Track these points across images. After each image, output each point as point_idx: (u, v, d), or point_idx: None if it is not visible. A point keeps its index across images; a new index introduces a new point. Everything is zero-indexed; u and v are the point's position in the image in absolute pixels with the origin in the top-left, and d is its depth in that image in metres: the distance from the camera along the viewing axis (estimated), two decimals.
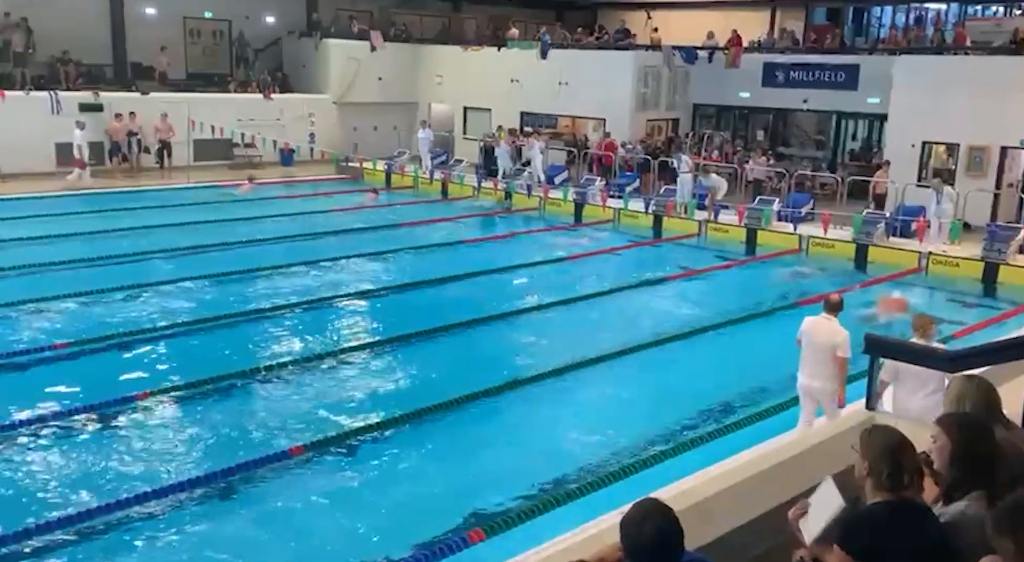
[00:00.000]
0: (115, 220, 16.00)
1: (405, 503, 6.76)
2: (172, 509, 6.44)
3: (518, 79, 24.80)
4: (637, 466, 7.13)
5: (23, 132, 19.53)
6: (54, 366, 9.08)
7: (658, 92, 23.66)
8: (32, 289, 11.37)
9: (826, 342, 7.24)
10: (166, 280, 12.38)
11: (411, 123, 26.12)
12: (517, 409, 8.58)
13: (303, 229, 16.31)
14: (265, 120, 23.49)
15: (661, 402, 8.91)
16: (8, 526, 5.91)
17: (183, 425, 7.92)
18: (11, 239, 13.99)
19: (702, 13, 27.69)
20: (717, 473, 5.84)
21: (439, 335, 10.52)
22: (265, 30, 26.33)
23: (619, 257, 15.81)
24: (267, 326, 10.74)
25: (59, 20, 21.40)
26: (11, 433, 7.41)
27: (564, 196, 19.47)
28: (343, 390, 8.89)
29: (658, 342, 10.69)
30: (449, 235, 16.62)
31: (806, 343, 7.40)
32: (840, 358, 7.18)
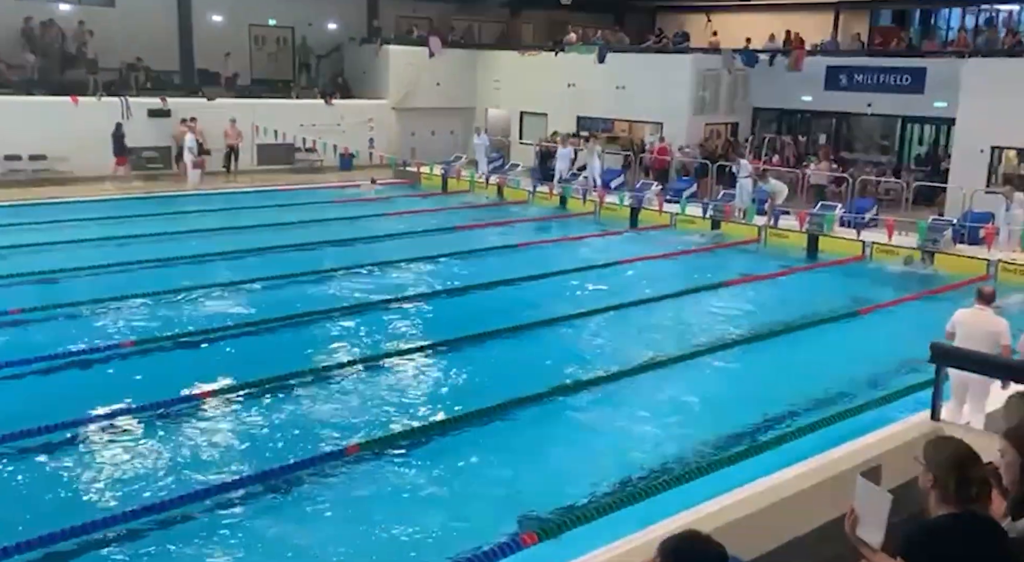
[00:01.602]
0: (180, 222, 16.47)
1: (457, 504, 6.79)
2: (231, 505, 6.57)
3: (575, 83, 24.80)
4: (693, 474, 7.05)
5: (94, 136, 20.21)
6: (121, 364, 9.34)
7: (717, 96, 23.39)
8: (101, 289, 11.73)
9: (986, 332, 7.25)
10: (228, 282, 12.65)
11: (468, 128, 26.30)
12: (571, 414, 8.54)
13: (360, 233, 16.52)
14: (326, 125, 23.91)
15: (718, 410, 8.79)
16: (73, 520, 6.08)
17: (243, 423, 8.06)
18: (83, 240, 14.46)
19: (763, 16, 27.33)
20: (775, 483, 5.73)
21: (493, 338, 10.54)
22: (327, 37, 26.80)
23: (676, 262, 15.66)
24: (324, 328, 10.89)
25: (130, 28, 22.13)
26: (78, 429, 7.63)
27: (620, 201, 19.37)
28: (398, 391, 8.97)
29: (717, 348, 10.56)
30: (504, 239, 16.66)
31: (962, 335, 7.37)
32: (1005, 346, 7.21)
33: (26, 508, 6.41)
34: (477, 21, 29.70)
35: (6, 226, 15.07)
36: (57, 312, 10.70)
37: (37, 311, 10.61)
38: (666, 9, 30.71)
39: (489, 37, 29.56)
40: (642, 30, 28.20)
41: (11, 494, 6.62)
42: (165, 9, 23.24)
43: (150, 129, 21.35)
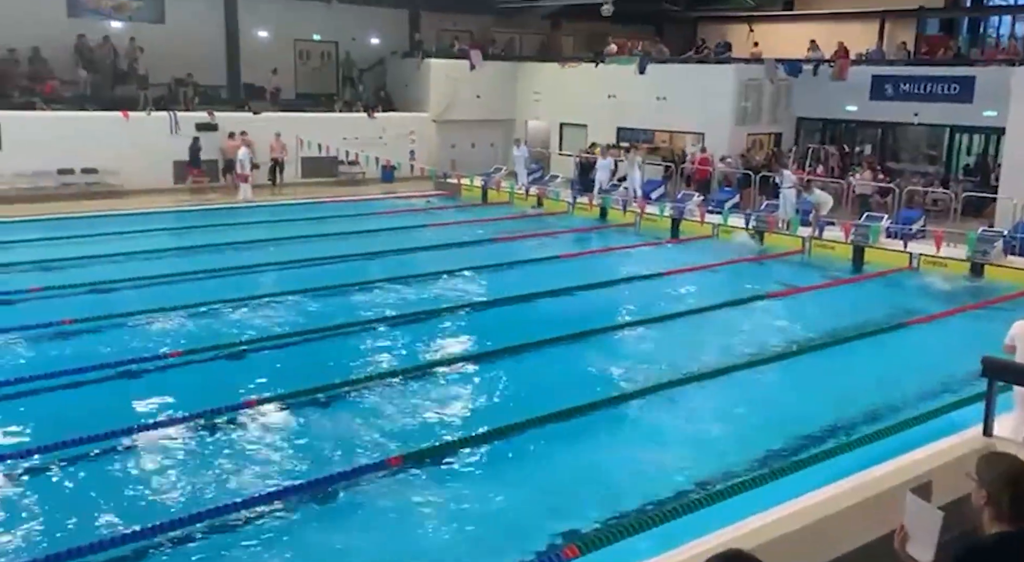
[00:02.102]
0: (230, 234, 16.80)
1: (499, 516, 6.80)
2: (274, 515, 6.64)
3: (615, 94, 24.79)
4: (736, 488, 6.97)
5: (144, 150, 20.69)
6: (169, 374, 9.52)
7: (759, 106, 23.22)
8: (150, 300, 11.97)
9: None
10: (274, 292, 12.84)
11: (508, 140, 26.42)
12: (612, 427, 8.51)
13: (401, 244, 16.66)
14: (368, 138, 24.20)
15: (763, 423, 8.68)
16: (122, 528, 6.21)
17: (287, 433, 8.16)
18: (133, 252, 14.78)
19: (806, 25, 27.08)
20: (821, 499, 5.65)
21: (535, 350, 10.54)
22: (370, 51, 27.15)
23: (718, 273, 15.53)
24: (366, 339, 10.98)
25: (179, 44, 22.63)
26: (127, 438, 7.77)
27: (661, 211, 19.28)
28: (439, 403, 9.00)
29: (761, 361, 10.45)
30: (544, 250, 16.67)
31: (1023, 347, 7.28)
32: None
33: (78, 515, 6.55)
34: (518, 33, 29.85)
35: (59, 238, 15.47)
36: (108, 322, 10.94)
37: (89, 321, 10.85)
38: (708, 20, 30.57)
39: (529, 49, 29.70)
40: (683, 41, 28.09)
41: (63, 502, 6.77)
42: (213, 25, 23.75)
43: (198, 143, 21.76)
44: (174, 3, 23.10)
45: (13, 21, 20.44)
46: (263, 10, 24.46)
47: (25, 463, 7.25)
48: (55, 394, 8.75)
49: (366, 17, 26.58)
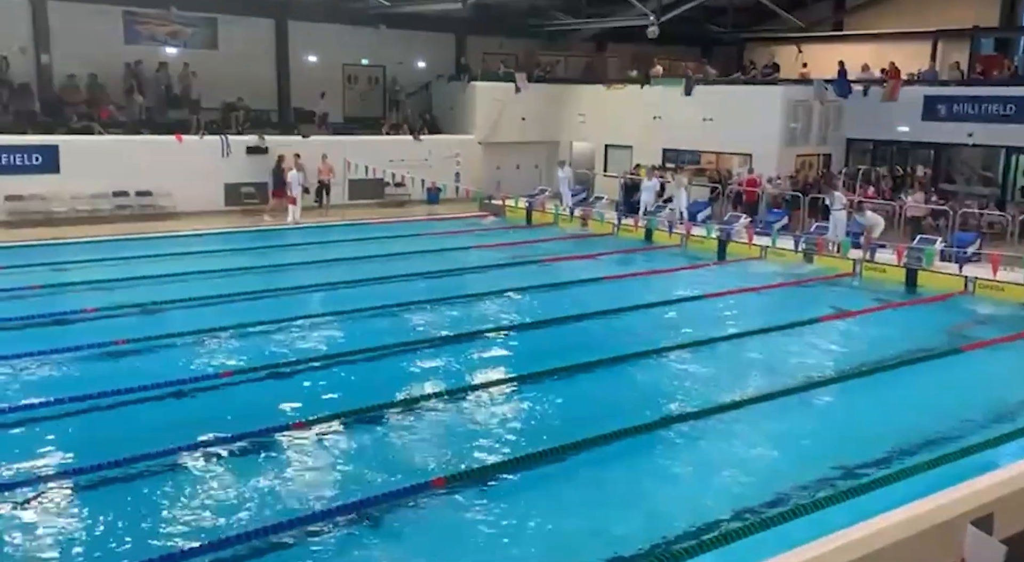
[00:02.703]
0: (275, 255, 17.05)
1: (544, 539, 6.73)
2: (318, 535, 6.64)
3: (661, 116, 24.73)
4: (786, 516, 6.81)
5: (196, 173, 21.16)
6: (219, 393, 9.64)
7: (809, 126, 22.96)
8: (201, 320, 12.14)
9: None
10: (321, 313, 12.95)
11: (552, 161, 26.47)
12: (659, 451, 8.39)
13: (446, 265, 16.74)
14: (414, 160, 24.46)
15: (813, 450, 8.50)
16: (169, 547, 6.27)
17: (334, 453, 8.19)
18: (185, 273, 15.05)
19: (856, 46, 26.80)
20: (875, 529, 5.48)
21: (580, 372, 10.47)
22: (416, 75, 27.50)
23: (766, 296, 15.30)
24: (412, 359, 11.00)
25: (231, 69, 23.17)
26: (177, 456, 7.88)
27: (707, 233, 19.09)
28: (484, 424, 8.98)
29: (811, 385, 10.26)
30: (588, 271, 16.61)
31: None
32: None
33: (125, 534, 6.63)
34: (563, 56, 29.99)
35: (114, 259, 15.83)
36: (160, 342, 11.13)
37: (141, 341, 11.06)
38: (755, 41, 30.41)
39: (574, 72, 29.80)
40: (729, 62, 27.94)
41: (111, 520, 6.85)
42: (264, 51, 24.31)
43: (248, 166, 22.21)
44: (227, 29, 23.67)
45: (73, 48, 21.12)
46: (313, 35, 24.94)
47: (79, 480, 7.36)
48: (108, 413, 8.89)
49: (413, 42, 26.94)
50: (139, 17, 22.53)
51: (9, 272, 14.61)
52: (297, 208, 20.91)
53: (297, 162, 21.37)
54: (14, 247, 16.73)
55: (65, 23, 21.11)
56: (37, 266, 15.12)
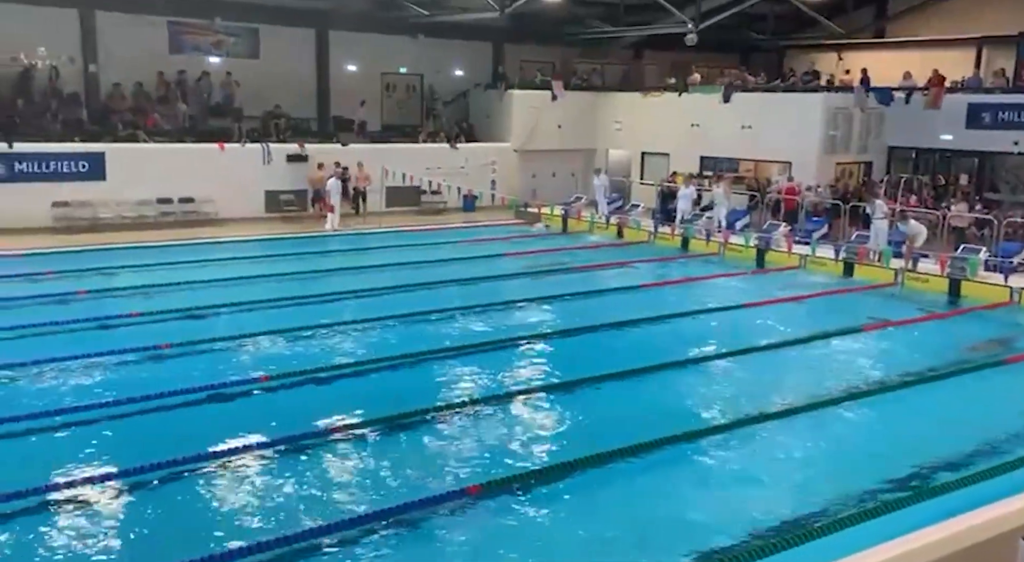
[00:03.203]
0: (313, 262, 17.26)
1: (580, 548, 6.71)
2: (353, 540, 6.69)
3: (698, 123, 24.60)
4: (826, 530, 6.72)
5: (238, 180, 21.49)
6: (257, 398, 9.77)
7: (849, 134, 22.68)
8: (241, 325, 12.36)
9: None
10: (358, 319, 13.06)
11: (589, 169, 26.45)
12: (696, 461, 8.33)
13: (481, 272, 16.80)
14: (450, 168, 24.58)
15: (854, 462, 8.40)
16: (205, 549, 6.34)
17: (369, 458, 8.26)
18: (226, 278, 15.29)
19: (898, 53, 26.43)
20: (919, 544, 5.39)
21: (615, 380, 10.44)
22: (454, 83, 27.67)
23: (805, 305, 15.13)
24: (448, 366, 11.04)
25: (272, 78, 23.50)
26: (217, 460, 8.00)
27: (746, 241, 18.94)
28: (520, 431, 8.99)
29: (852, 396, 10.12)
30: (624, 280, 16.55)
31: None
32: None
33: (166, 536, 6.75)
34: (600, 64, 29.98)
35: (158, 265, 16.13)
36: (202, 347, 11.31)
37: (184, 346, 11.25)
38: (795, 48, 30.12)
39: (611, 79, 29.77)
40: (769, 69, 27.71)
41: (148, 523, 6.97)
42: (305, 60, 24.65)
43: (288, 173, 22.51)
44: (268, 39, 24.03)
45: (119, 57, 21.58)
46: (352, 45, 25.23)
47: (123, 482, 7.51)
48: (152, 415, 9.06)
49: (451, 50, 27.12)
50: (184, 27, 22.97)
51: (57, 277, 14.97)
52: (335, 215, 21.12)
53: (336, 170, 21.61)
54: (62, 253, 17.12)
55: (112, 33, 21.59)
56: (84, 271, 15.46)
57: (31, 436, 8.44)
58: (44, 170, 19.55)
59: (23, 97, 20.55)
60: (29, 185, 19.29)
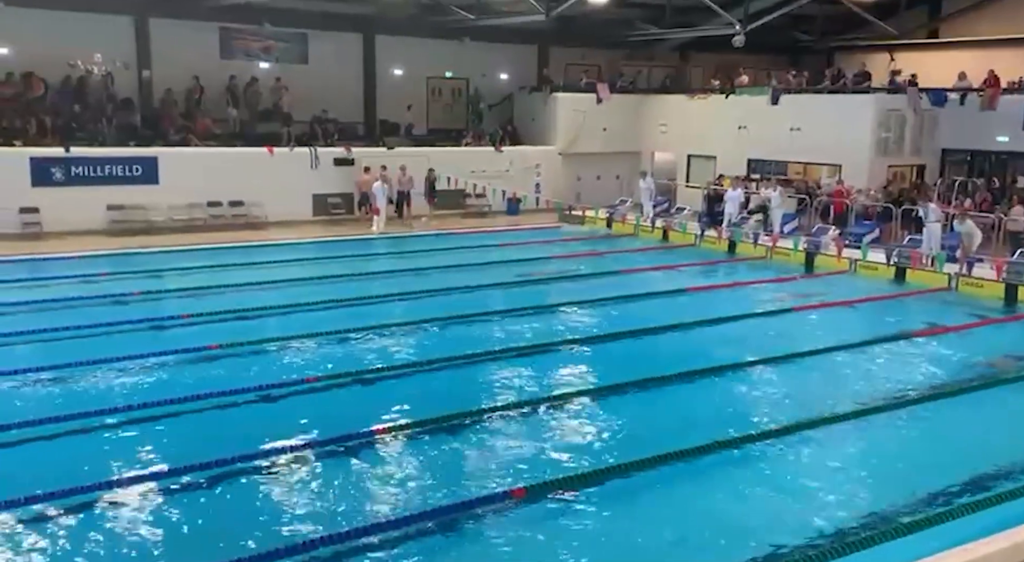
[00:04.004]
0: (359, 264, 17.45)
1: (623, 553, 6.67)
2: (397, 541, 6.72)
3: (746, 125, 24.34)
4: (876, 539, 6.60)
5: (286, 184, 21.80)
6: (305, 398, 9.88)
7: (901, 136, 22.25)
8: (289, 326, 12.53)
9: None
10: (404, 321, 13.17)
11: (634, 172, 26.31)
12: (740, 466, 8.22)
13: (527, 275, 16.81)
14: (495, 171, 24.64)
15: (904, 471, 8.22)
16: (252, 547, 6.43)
17: (414, 460, 8.29)
18: (274, 281, 15.52)
19: (953, 54, 25.86)
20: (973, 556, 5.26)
21: (660, 385, 10.36)
22: (499, 86, 27.76)
23: (856, 310, 14.86)
24: (491, 369, 11.06)
25: (320, 83, 23.83)
26: (264, 459, 8.10)
27: (794, 245, 18.67)
28: (564, 435, 8.97)
29: (903, 403, 9.93)
30: (669, 283, 16.42)
31: None
32: None
33: (213, 534, 6.85)
34: (646, 66, 29.82)
35: (208, 267, 16.44)
36: (250, 348, 11.48)
37: (233, 347, 11.44)
38: (845, 49, 29.64)
39: (657, 82, 29.61)
40: (818, 70, 27.30)
41: (196, 521, 7.08)
42: (352, 64, 24.95)
43: (335, 177, 22.78)
44: (316, 44, 24.37)
45: (171, 63, 22.05)
46: (399, 49, 25.46)
47: (172, 481, 7.65)
48: (201, 415, 9.22)
49: (496, 53, 27.22)
50: (234, 33, 23.41)
51: (111, 279, 15.33)
52: (381, 218, 21.32)
53: (383, 173, 21.81)
54: (115, 254, 17.55)
55: (165, 40, 22.09)
56: (137, 273, 15.82)
57: (85, 434, 8.63)
58: (99, 174, 20.06)
59: (80, 103, 21.10)
60: (85, 188, 19.79)
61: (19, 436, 8.44)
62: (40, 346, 11.45)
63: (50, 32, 20.50)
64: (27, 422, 8.64)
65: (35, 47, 20.41)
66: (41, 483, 7.32)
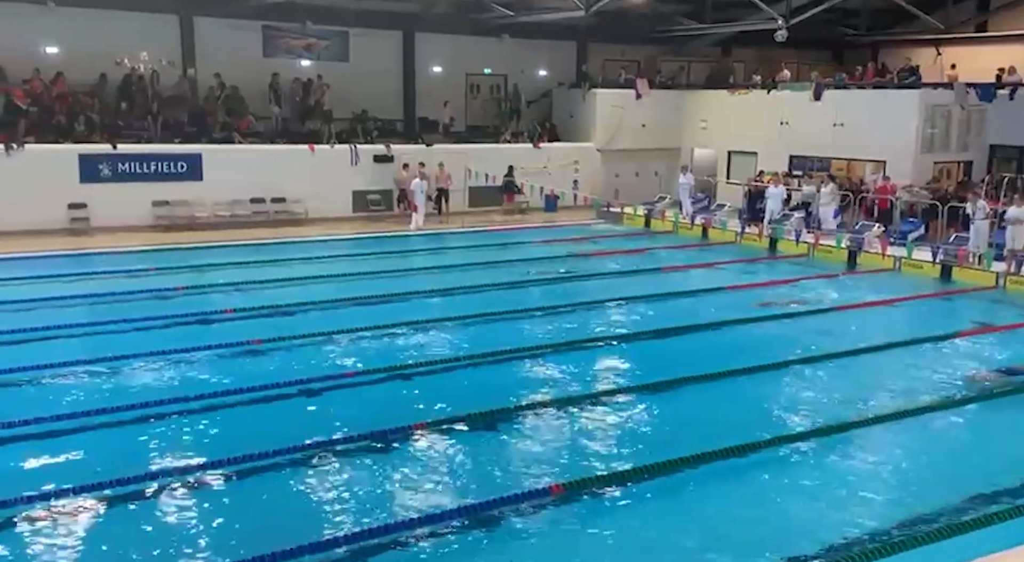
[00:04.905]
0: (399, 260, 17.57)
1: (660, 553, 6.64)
2: (435, 535, 6.76)
3: (788, 121, 24.04)
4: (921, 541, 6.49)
5: (327, 181, 22.02)
6: (344, 392, 9.98)
7: (948, 132, 21.80)
8: (329, 322, 12.62)
9: None
10: (441, 317, 13.21)
11: (672, 168, 26.17)
12: (781, 467, 8.13)
13: (564, 272, 16.81)
14: (532, 168, 24.62)
15: (951, 472, 8.08)
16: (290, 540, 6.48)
17: (452, 454, 8.34)
18: (315, 276, 15.68)
19: (1002, 48, 25.24)
20: None
21: (699, 383, 10.28)
22: (537, 83, 27.73)
23: (900, 309, 14.60)
24: (529, 366, 11.07)
25: (361, 81, 24.00)
26: (304, 453, 8.19)
27: (837, 242, 18.39)
28: (602, 433, 8.95)
29: (949, 404, 9.75)
30: (708, 281, 16.28)
31: None
32: None
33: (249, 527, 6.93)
34: (686, 62, 29.58)
35: (250, 263, 16.67)
36: (291, 343, 11.62)
37: (275, 341, 11.59)
38: (890, 43, 29.11)
39: (697, 77, 29.34)
40: (863, 65, 26.84)
41: (236, 511, 7.19)
42: (392, 62, 25.11)
43: (375, 174, 22.95)
44: (357, 42, 24.55)
45: (216, 62, 22.37)
46: (438, 46, 25.56)
47: (214, 472, 7.78)
48: (243, 408, 9.36)
49: (535, 50, 27.19)
50: (277, 32, 23.68)
51: (156, 274, 15.61)
52: (420, 215, 21.43)
53: (420, 170, 21.92)
54: (160, 250, 17.87)
55: (209, 38, 22.41)
56: (181, 268, 16.10)
57: (133, 425, 8.79)
58: (145, 171, 20.43)
59: (126, 100, 21.50)
60: (131, 185, 20.18)
61: (65, 427, 8.62)
62: (87, 340, 11.69)
63: (98, 31, 20.92)
64: (72, 414, 8.84)
65: (84, 46, 20.82)
66: (89, 474, 7.51)
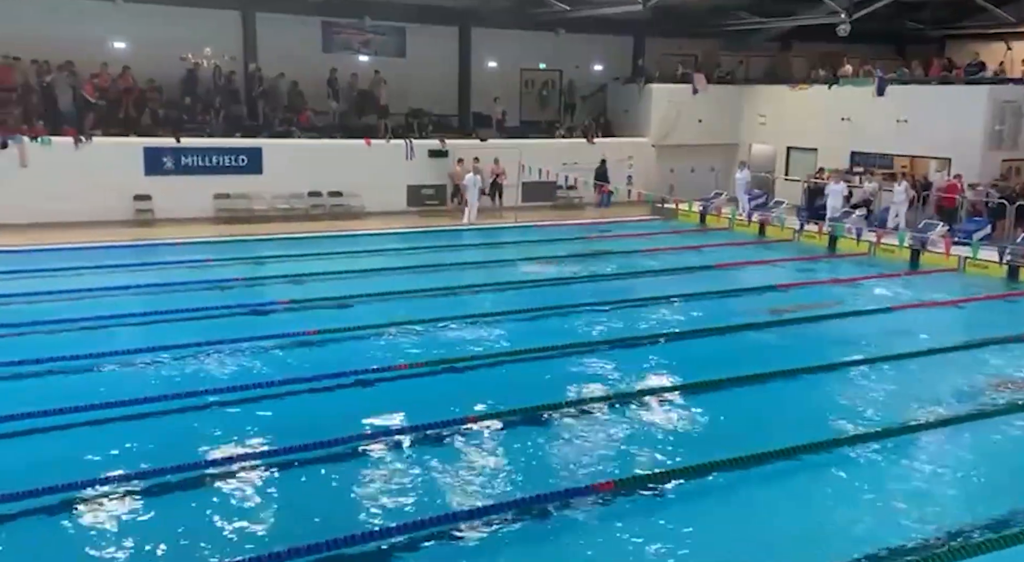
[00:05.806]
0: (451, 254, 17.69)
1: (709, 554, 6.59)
2: (482, 529, 6.79)
3: (849, 117, 23.54)
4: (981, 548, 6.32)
5: (382, 175, 22.24)
6: (398, 384, 10.09)
7: (1018, 129, 21.10)
8: (383, 314, 12.76)
9: None
10: (492, 312, 13.23)
11: (729, 164, 25.81)
12: (835, 470, 7.98)
13: (616, 269, 16.73)
14: (587, 163, 24.52)
15: (1006, 482, 7.83)
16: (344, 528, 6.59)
17: (500, 449, 8.36)
18: (372, 269, 15.85)
19: None
20: None
21: (750, 383, 10.14)
22: (592, 78, 27.60)
23: (964, 310, 14.20)
24: (580, 361, 11.03)
25: (417, 76, 24.19)
26: (357, 443, 8.31)
27: (900, 241, 17.96)
28: (652, 430, 8.89)
29: (1012, 409, 9.43)
30: (765, 279, 16.03)
31: None
32: None
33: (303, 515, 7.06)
34: (745, 56, 29.13)
35: (307, 255, 16.94)
36: (346, 335, 11.77)
37: (331, 332, 11.75)
38: (957, 37, 28.25)
39: (756, 72, 28.89)
40: (927, 60, 26.12)
41: (291, 499, 7.32)
42: (448, 57, 25.21)
43: (429, 168, 23.11)
44: (415, 37, 24.72)
45: (276, 57, 22.73)
46: (494, 41, 25.60)
47: (269, 461, 7.93)
48: (298, 398, 9.52)
49: (590, 45, 27.05)
50: (336, 27, 23.97)
51: (215, 265, 15.97)
52: (473, 209, 21.52)
53: (474, 165, 22.01)
54: (220, 242, 18.25)
55: (270, 33, 22.78)
56: (240, 259, 16.43)
57: (191, 413, 9.02)
58: (207, 164, 20.88)
59: (190, 95, 21.99)
60: (194, 178, 20.64)
61: (125, 413, 8.85)
62: (149, 328, 12.01)
63: (163, 27, 21.42)
64: (135, 400, 9.06)
65: (149, 41, 21.35)
66: (148, 460, 7.72)
